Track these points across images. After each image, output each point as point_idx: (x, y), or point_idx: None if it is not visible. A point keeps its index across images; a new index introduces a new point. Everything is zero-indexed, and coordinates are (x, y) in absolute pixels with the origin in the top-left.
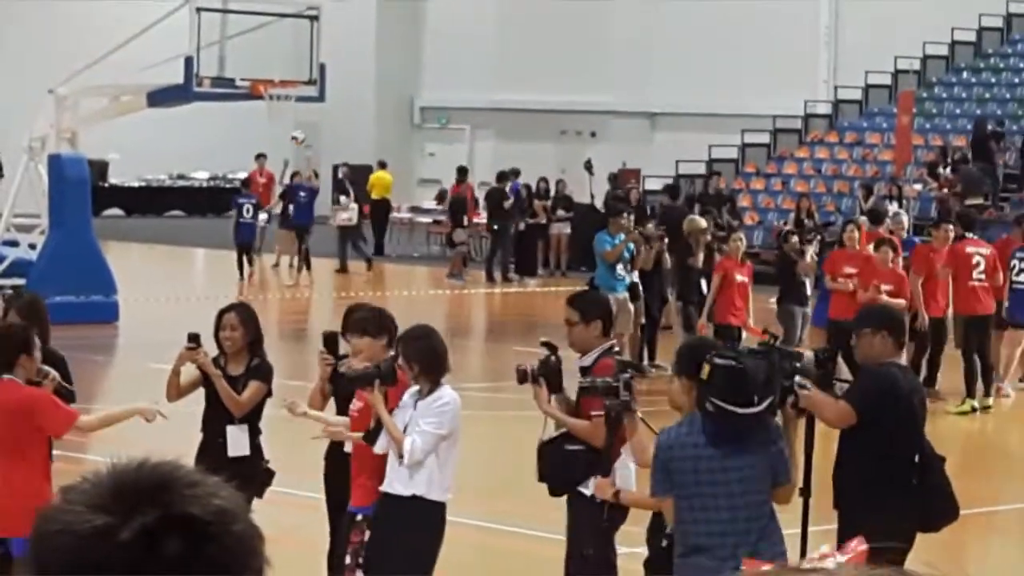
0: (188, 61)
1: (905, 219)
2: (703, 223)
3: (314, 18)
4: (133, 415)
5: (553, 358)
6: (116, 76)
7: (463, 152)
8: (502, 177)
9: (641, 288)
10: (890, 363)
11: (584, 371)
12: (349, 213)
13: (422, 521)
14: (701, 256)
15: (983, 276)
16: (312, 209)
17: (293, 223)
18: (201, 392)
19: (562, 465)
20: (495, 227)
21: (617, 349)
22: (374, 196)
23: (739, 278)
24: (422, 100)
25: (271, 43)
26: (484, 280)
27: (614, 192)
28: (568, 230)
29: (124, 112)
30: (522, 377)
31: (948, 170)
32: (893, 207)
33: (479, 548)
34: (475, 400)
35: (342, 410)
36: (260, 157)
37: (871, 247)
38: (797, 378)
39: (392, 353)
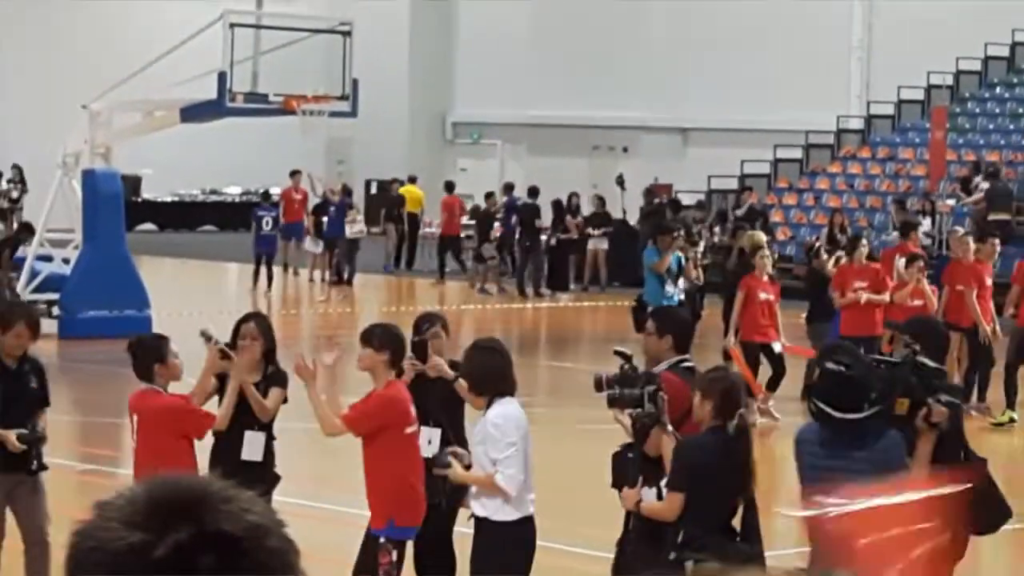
0: (221, 76)
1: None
2: (764, 237)
3: (347, 34)
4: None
5: (627, 366)
6: (149, 92)
7: (495, 167)
8: (534, 193)
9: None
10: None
11: None
12: (359, 227)
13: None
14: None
15: None
16: (342, 223)
17: (325, 236)
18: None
19: (622, 473)
20: (527, 243)
21: (688, 364)
22: (408, 211)
23: (763, 296)
24: (454, 115)
25: (304, 59)
26: (516, 294)
27: (654, 206)
28: (605, 245)
29: (157, 127)
30: (598, 385)
31: (981, 182)
32: (926, 222)
33: None
34: None
35: (423, 417)
36: (295, 174)
37: (902, 261)
38: (942, 396)
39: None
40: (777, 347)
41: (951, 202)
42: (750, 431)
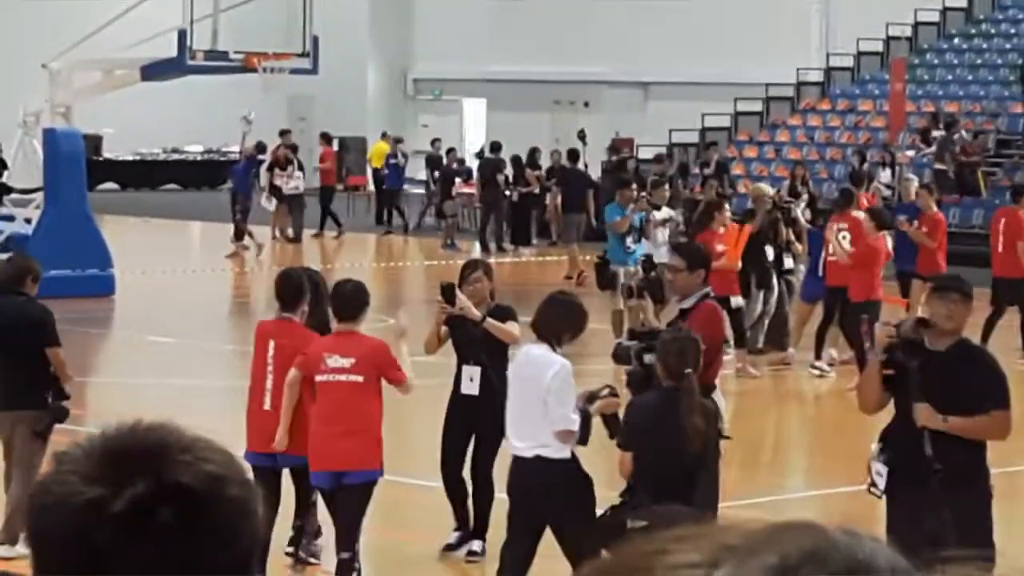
0: (181, 34)
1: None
2: (768, 190)
3: None
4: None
5: (653, 273)
6: (109, 50)
7: (456, 123)
8: (496, 148)
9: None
10: None
11: (684, 313)
12: (294, 183)
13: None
14: (761, 223)
15: None
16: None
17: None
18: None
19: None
20: (489, 198)
21: (709, 295)
22: (374, 166)
23: (719, 248)
24: (416, 72)
25: (264, 16)
26: (479, 250)
27: (613, 161)
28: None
29: (118, 86)
30: (628, 293)
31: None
32: (886, 173)
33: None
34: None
35: (461, 356)
36: (285, 133)
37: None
38: None
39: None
40: (735, 302)
41: (910, 153)
42: (695, 392)
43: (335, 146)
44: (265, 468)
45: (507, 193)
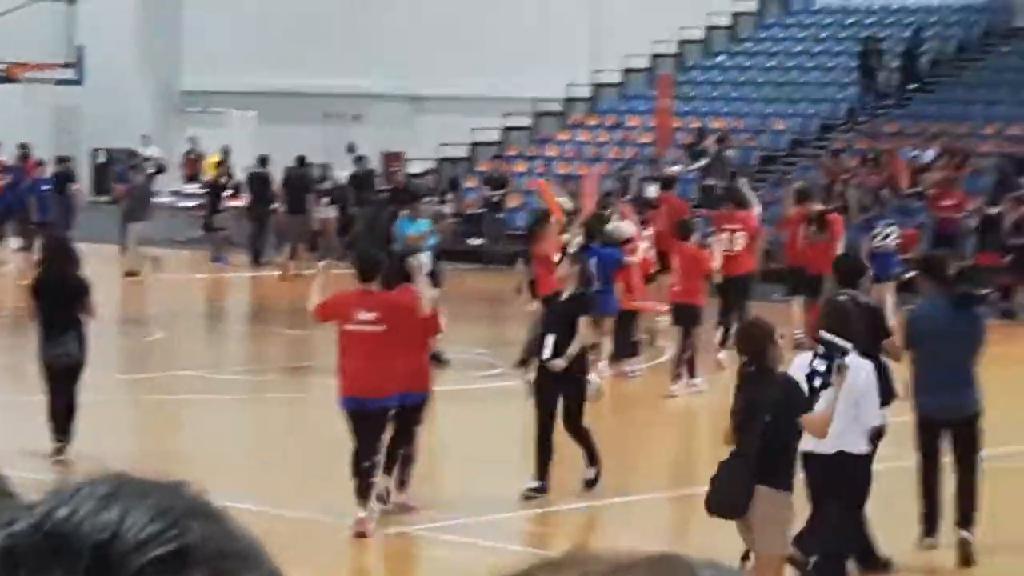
0: None
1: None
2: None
3: (72, 0)
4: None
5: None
6: None
7: (225, 136)
8: (264, 161)
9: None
10: None
11: None
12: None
13: None
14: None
15: None
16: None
17: None
18: None
19: None
20: (259, 211)
21: None
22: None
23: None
24: (184, 84)
25: (27, 25)
26: (249, 263)
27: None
28: (334, 214)
29: None
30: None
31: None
32: (654, 188)
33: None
34: (240, 384)
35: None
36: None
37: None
38: None
39: None
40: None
41: (677, 168)
42: None
43: (102, 158)
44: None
45: (274, 206)
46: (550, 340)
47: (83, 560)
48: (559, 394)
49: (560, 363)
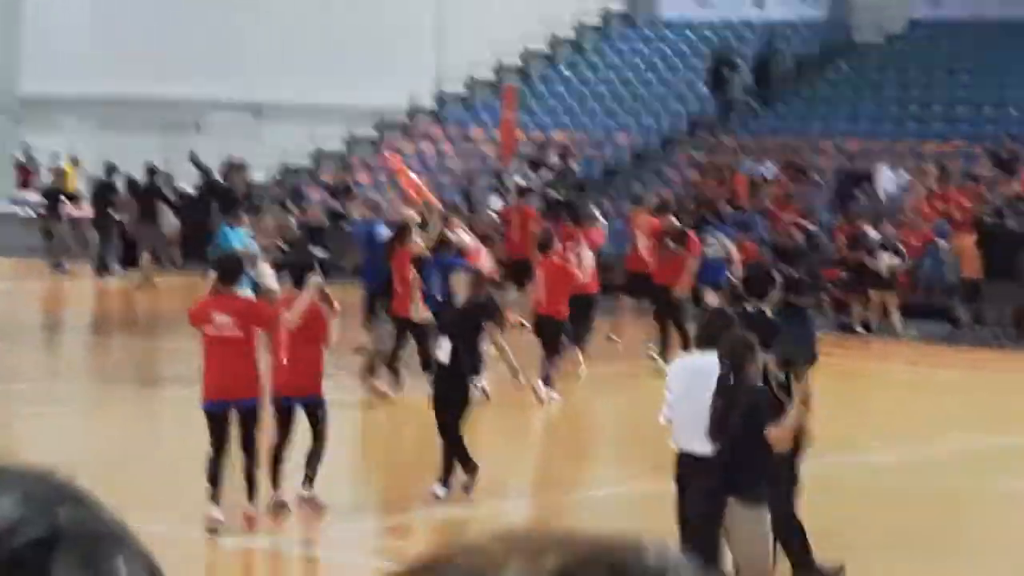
0: None
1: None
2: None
3: None
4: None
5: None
6: None
7: (63, 144)
8: (110, 170)
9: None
10: None
11: None
12: None
13: None
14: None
15: None
16: None
17: None
18: None
19: None
20: (102, 220)
21: None
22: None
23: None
24: (21, 90)
25: None
26: (93, 273)
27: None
28: (176, 222)
29: None
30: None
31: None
32: (496, 199)
33: None
34: (80, 395)
35: None
36: None
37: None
38: None
39: None
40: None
41: (520, 180)
42: None
43: None
44: None
45: (116, 217)
46: (446, 345)
47: None
48: (450, 398)
49: (474, 377)
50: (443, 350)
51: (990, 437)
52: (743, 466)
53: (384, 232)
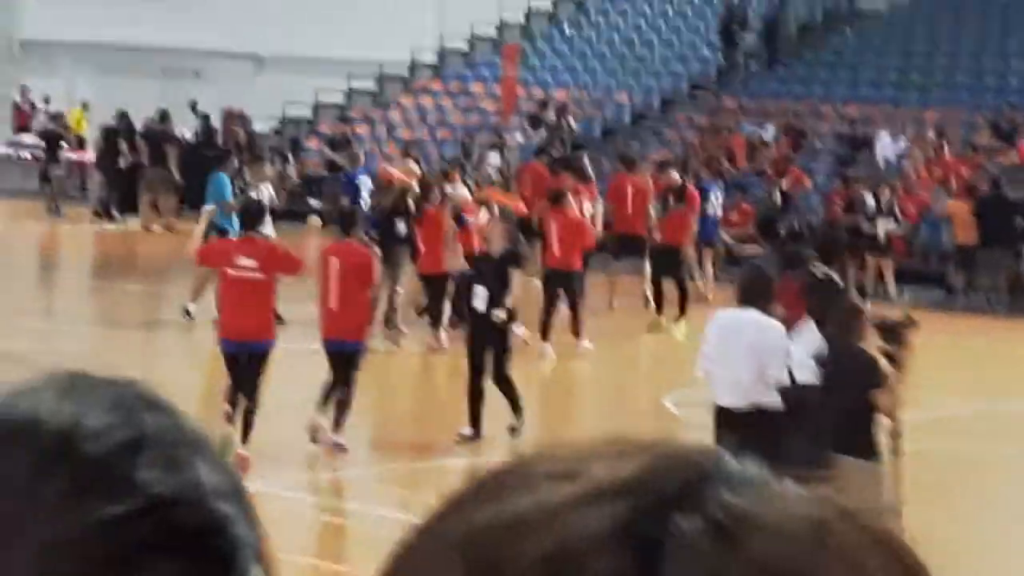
0: None
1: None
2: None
3: None
4: None
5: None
6: None
7: (62, 88)
8: (123, 116)
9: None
10: None
11: None
12: None
13: None
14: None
15: None
16: None
17: None
18: None
19: None
20: (109, 165)
21: None
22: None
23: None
24: (22, 33)
25: None
26: (91, 217)
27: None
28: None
29: None
30: None
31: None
32: (495, 156)
33: None
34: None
35: None
36: None
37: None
38: None
39: None
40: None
41: (519, 137)
42: None
43: None
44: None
45: (121, 164)
46: (483, 293)
47: (44, 444)
48: (489, 345)
49: (502, 314)
50: (479, 297)
51: (982, 402)
52: (858, 428)
53: (364, 180)
